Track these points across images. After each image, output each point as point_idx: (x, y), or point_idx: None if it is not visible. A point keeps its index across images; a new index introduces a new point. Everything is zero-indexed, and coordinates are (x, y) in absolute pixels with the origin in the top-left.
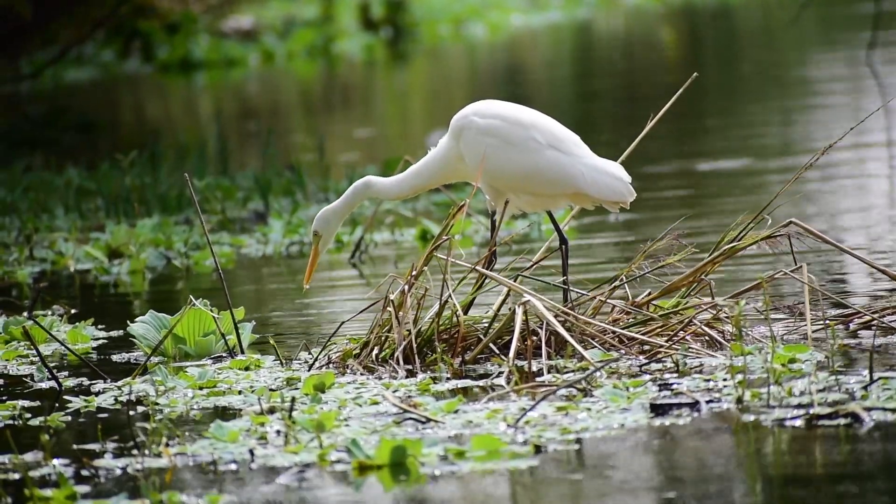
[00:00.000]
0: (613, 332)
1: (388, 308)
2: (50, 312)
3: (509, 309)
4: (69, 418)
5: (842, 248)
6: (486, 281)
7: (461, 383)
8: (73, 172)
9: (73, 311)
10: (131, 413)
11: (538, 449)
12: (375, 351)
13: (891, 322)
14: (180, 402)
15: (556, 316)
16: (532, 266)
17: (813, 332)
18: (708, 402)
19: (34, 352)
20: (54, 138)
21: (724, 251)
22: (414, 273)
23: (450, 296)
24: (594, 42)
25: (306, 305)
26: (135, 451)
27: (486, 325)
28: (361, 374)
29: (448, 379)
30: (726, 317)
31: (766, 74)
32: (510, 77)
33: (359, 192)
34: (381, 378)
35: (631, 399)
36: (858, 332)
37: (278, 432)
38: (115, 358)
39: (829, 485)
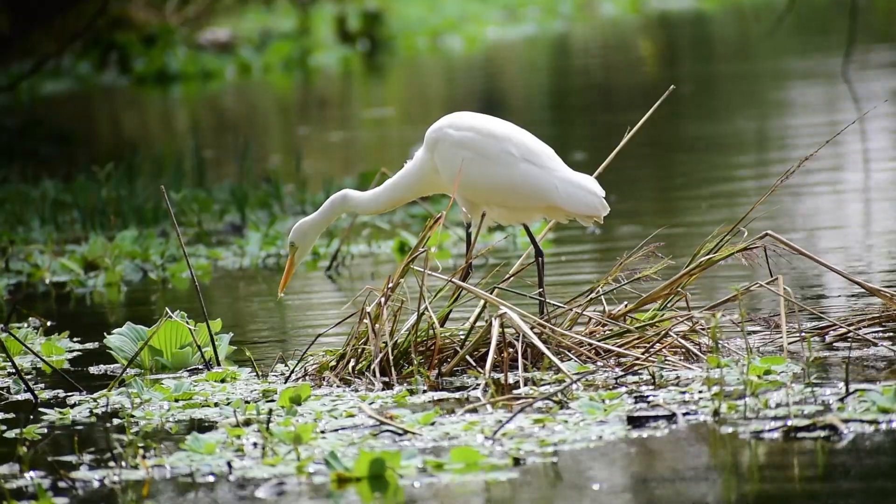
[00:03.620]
0: (590, 345)
1: (365, 320)
2: (26, 324)
3: (485, 321)
4: (45, 430)
5: (817, 261)
6: (463, 293)
7: (437, 395)
8: (49, 185)
9: (48, 323)
10: (107, 425)
11: (517, 461)
12: (352, 363)
13: (866, 334)
14: (156, 415)
15: (532, 328)
16: (508, 278)
17: (789, 343)
18: (685, 414)
19: (10, 364)
20: (31, 150)
21: (700, 263)
22: (390, 285)
23: (426, 308)
24: (570, 54)
25: (283, 317)
26: (111, 464)
27: (463, 337)
28: (338, 387)
29: (424, 391)
30: (702, 329)
31: (743, 85)
32: (486, 90)
33: (336, 205)
34: (357, 390)
35: (608, 411)
36: (834, 343)
37: (255, 444)
38: (91, 370)
39: (808, 498)
